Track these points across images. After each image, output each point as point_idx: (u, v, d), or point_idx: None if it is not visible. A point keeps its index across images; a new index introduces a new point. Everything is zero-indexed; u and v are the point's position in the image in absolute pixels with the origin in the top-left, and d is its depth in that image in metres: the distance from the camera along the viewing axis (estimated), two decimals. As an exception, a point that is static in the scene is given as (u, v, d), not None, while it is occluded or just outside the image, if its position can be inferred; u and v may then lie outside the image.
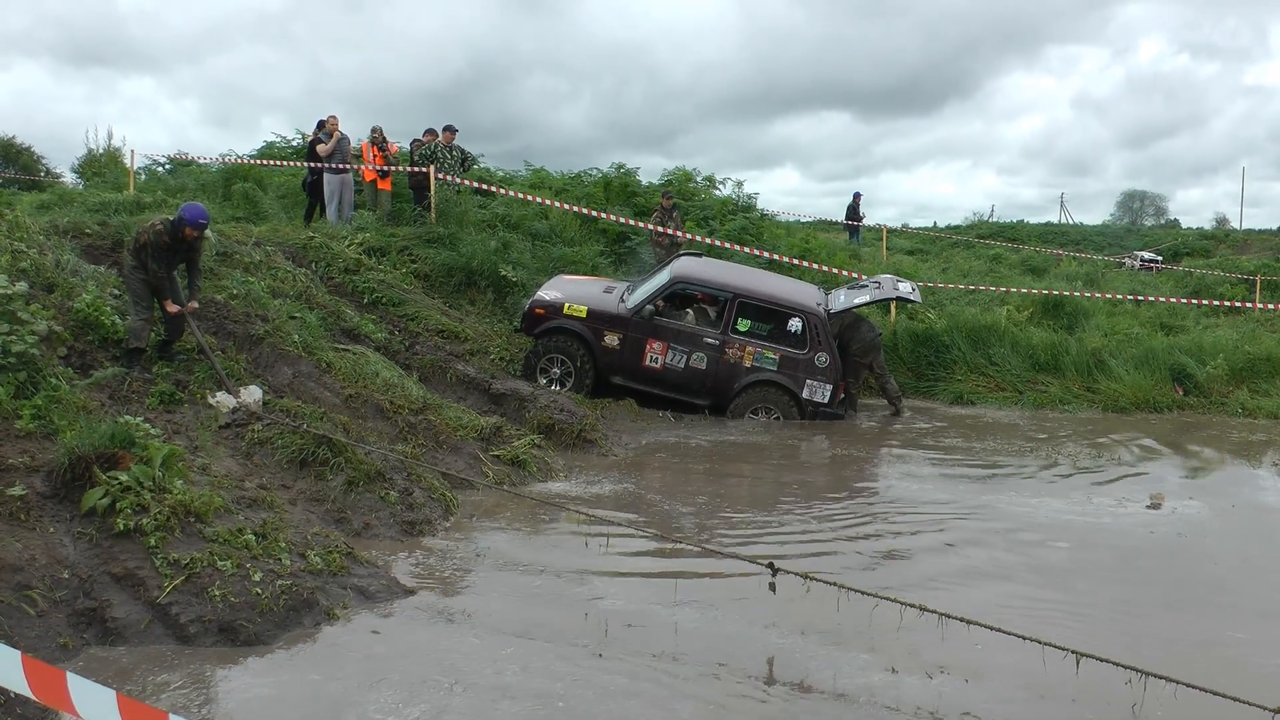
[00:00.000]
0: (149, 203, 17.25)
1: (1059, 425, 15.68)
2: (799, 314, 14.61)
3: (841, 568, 8.43)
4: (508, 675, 6.48)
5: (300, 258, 15.84)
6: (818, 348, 14.41)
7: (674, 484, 11.35)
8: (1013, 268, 29.56)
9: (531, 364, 14.64)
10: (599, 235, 20.69)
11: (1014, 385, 17.45)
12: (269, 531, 7.74)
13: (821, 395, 14.46)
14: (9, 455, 7.79)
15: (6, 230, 11.87)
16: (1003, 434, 14.84)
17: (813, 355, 14.42)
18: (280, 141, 23.20)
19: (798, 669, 6.80)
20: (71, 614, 6.64)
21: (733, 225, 21.59)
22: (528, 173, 24.92)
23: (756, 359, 14.49)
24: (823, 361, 14.42)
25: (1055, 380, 17.55)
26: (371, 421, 11.13)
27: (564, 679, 6.46)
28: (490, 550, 8.88)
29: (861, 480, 12.30)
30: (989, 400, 17.16)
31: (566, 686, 6.36)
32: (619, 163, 23.99)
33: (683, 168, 23.86)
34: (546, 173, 24.80)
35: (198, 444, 9.34)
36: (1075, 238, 50.89)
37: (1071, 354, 17.90)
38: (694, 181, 23.38)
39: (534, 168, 25.14)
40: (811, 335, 14.44)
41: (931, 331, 18.22)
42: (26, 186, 32.44)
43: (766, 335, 14.76)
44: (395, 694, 6.17)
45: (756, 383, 14.51)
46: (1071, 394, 17.20)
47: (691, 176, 23.54)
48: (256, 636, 6.74)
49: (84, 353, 10.34)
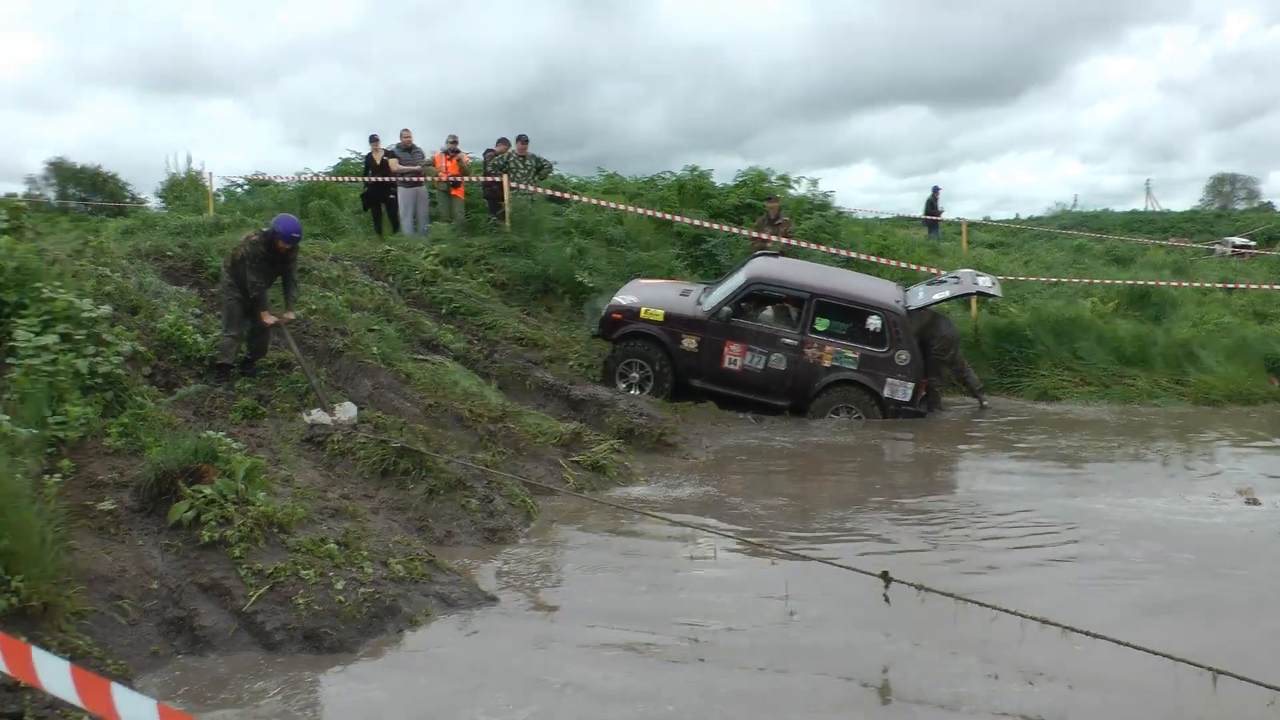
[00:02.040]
0: (228, 223, 17.54)
1: (1148, 420, 15.30)
2: (878, 312, 14.44)
3: (935, 572, 8.27)
4: (615, 679, 6.51)
5: (377, 271, 16.03)
6: (898, 345, 14.25)
7: (756, 486, 11.28)
8: (1097, 258, 28.95)
9: (610, 369, 14.66)
10: (674, 238, 20.65)
11: (1100, 380, 17.01)
12: (351, 540, 7.83)
13: (903, 394, 14.29)
14: (98, 472, 7.98)
15: (92, 256, 12.14)
16: (1090, 430, 14.53)
17: (893, 353, 14.27)
18: (354, 158, 23.45)
19: (906, 676, 6.72)
20: (161, 623, 6.79)
21: (809, 224, 21.42)
22: (601, 179, 24.91)
23: (836, 358, 14.36)
24: (903, 359, 14.26)
25: (1143, 374, 17.10)
26: (451, 430, 11.21)
27: (669, 683, 6.47)
28: (572, 555, 8.92)
29: (947, 480, 12.14)
30: (1074, 396, 16.70)
31: (673, 690, 6.37)
32: (693, 165, 23.90)
33: (757, 168, 23.67)
34: (620, 178, 24.77)
35: (280, 457, 9.49)
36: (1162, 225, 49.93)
37: (1160, 346, 17.48)
38: (768, 181, 23.20)
39: (607, 173, 25.16)
40: (891, 333, 14.28)
41: (1014, 326, 17.84)
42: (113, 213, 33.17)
43: (845, 334, 14.62)
44: (503, 696, 6.24)
45: (837, 382, 14.35)
46: (1160, 388, 16.76)
47: (766, 176, 23.35)
48: (340, 644, 6.82)
49: (168, 371, 10.56)
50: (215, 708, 6.05)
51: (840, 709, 6.32)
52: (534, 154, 20.05)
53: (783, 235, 18.67)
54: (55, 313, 9.21)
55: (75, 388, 8.65)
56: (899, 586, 6.41)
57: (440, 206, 20.48)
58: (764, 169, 23.75)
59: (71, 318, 9.25)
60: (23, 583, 5.91)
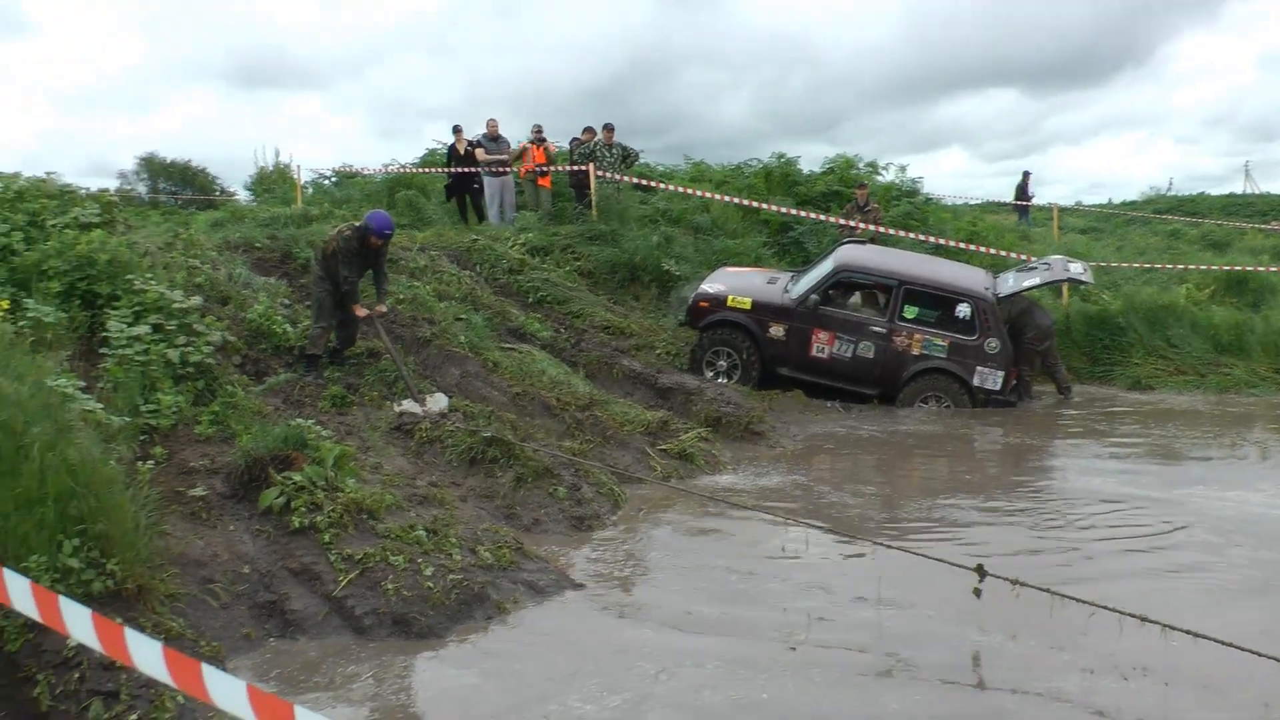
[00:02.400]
0: (316, 215, 17.68)
1: (1245, 411, 14.80)
2: (967, 299, 14.20)
3: (1027, 564, 8.10)
4: (708, 668, 6.45)
5: (464, 260, 16.08)
6: (987, 333, 14.00)
7: (844, 475, 11.14)
8: (1192, 243, 28.23)
9: (698, 357, 14.57)
10: (761, 226, 20.50)
11: (1195, 368, 16.46)
12: (440, 527, 7.83)
13: (993, 382, 14.04)
14: (190, 459, 8.07)
15: (182, 248, 12.30)
16: (1184, 421, 14.08)
17: (982, 341, 14.01)
18: (440, 148, 23.56)
19: (1000, 669, 6.60)
20: (253, 606, 6.84)
21: (897, 210, 21.18)
22: (688, 166, 24.77)
23: (925, 346, 14.14)
24: (993, 347, 14.01)
25: (1240, 362, 16.48)
26: (539, 418, 11.20)
27: (761, 672, 6.39)
28: (659, 543, 8.85)
29: (1039, 471, 11.86)
30: (1168, 385, 16.19)
31: (766, 679, 6.30)
32: (779, 152, 23.71)
33: (845, 155, 23.44)
34: (706, 165, 24.61)
35: (369, 444, 9.53)
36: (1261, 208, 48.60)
37: (1258, 333, 16.82)
38: (856, 168, 22.98)
39: (694, 161, 24.98)
40: (981, 321, 14.03)
41: (1106, 313, 17.39)
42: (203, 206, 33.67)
43: (934, 322, 14.38)
44: (595, 683, 6.21)
45: (925, 370, 14.14)
46: (1258, 376, 16.14)
47: (854, 163, 23.12)
48: (429, 629, 6.82)
49: (258, 360, 10.66)
50: (308, 691, 6.07)
51: (935, 700, 6.19)
52: (620, 142, 20.00)
53: (872, 222, 18.47)
54: (147, 304, 9.34)
55: (167, 377, 8.77)
56: (992, 580, 6.28)
57: (527, 196, 20.51)
58: (851, 155, 23.55)
59: (163, 309, 9.38)
60: (118, 566, 5.96)
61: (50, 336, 8.44)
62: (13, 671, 5.41)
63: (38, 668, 5.39)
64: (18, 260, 9.51)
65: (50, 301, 9.05)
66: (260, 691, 3.05)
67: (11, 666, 5.43)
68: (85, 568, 5.85)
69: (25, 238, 9.82)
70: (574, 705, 5.95)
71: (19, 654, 5.44)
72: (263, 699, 3.03)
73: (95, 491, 6.05)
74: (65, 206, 10.63)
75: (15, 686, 5.37)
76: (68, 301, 9.29)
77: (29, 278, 9.31)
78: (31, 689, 5.33)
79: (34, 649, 5.45)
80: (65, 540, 5.83)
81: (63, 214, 10.39)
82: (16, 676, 5.40)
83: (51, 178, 11.18)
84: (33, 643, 5.45)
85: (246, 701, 3.04)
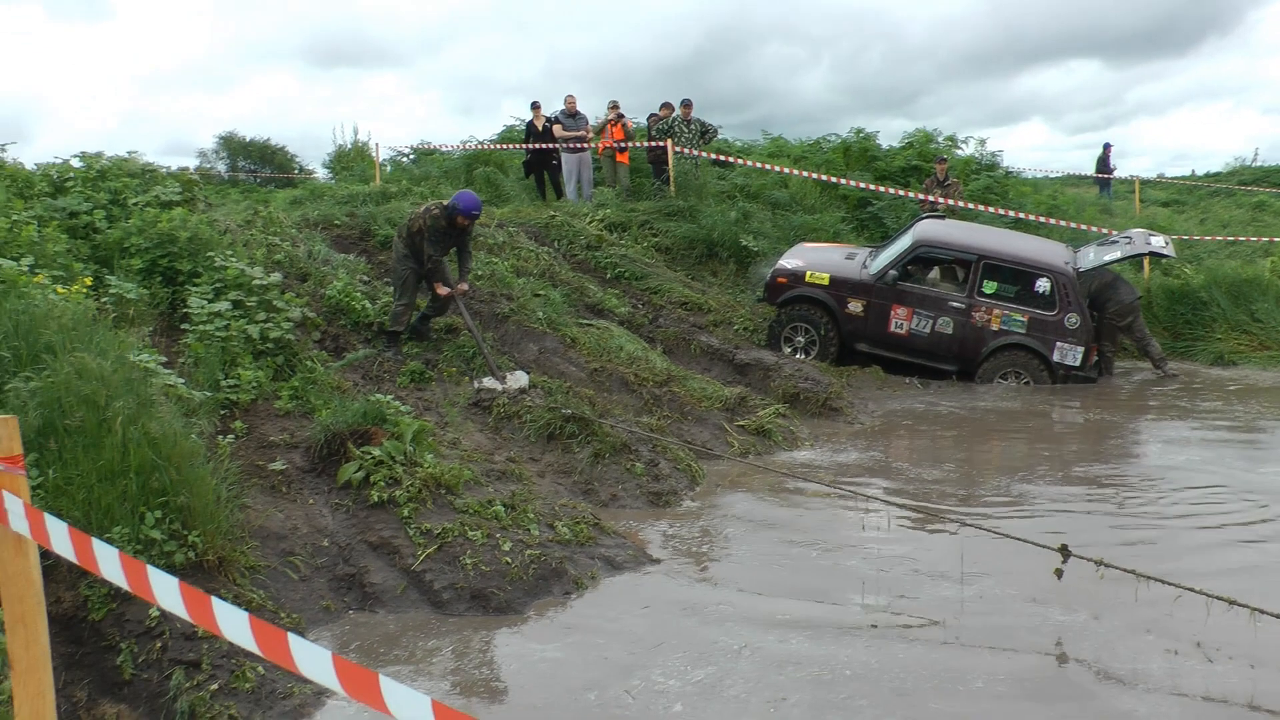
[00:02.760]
0: (394, 192, 17.72)
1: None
2: (1047, 274, 13.94)
3: (1107, 541, 7.93)
4: (791, 643, 6.37)
5: (542, 237, 16.09)
6: (1067, 308, 13.74)
7: (922, 452, 10.98)
8: (1278, 215, 27.60)
9: (775, 333, 14.47)
10: (839, 201, 20.30)
11: None
12: (518, 503, 7.82)
13: (1072, 358, 13.79)
14: (270, 433, 8.13)
15: (262, 226, 12.42)
16: (1269, 397, 13.66)
17: (1062, 316, 13.76)
18: (518, 125, 23.57)
19: (1083, 649, 6.42)
20: (332, 579, 6.87)
21: (976, 185, 20.88)
22: (765, 142, 24.63)
23: (1004, 322, 13.93)
24: (1073, 323, 13.76)
25: (1327, 338, 16.13)
26: (616, 394, 11.17)
27: (843, 649, 6.31)
28: (738, 520, 8.77)
29: (1119, 449, 11.57)
30: (1252, 360, 15.72)
31: (848, 656, 6.22)
32: (858, 127, 23.50)
33: (924, 129, 23.11)
34: (785, 141, 24.44)
35: (447, 420, 9.55)
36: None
37: (1345, 308, 16.48)
38: (935, 142, 22.67)
39: (772, 136, 24.84)
40: (1061, 296, 13.78)
41: (1188, 288, 16.93)
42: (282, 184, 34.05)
43: (1014, 297, 14.13)
44: (679, 657, 6.17)
45: (1004, 346, 13.93)
46: (1345, 353, 15.78)
47: (933, 137, 22.80)
48: (507, 604, 6.80)
49: (337, 336, 10.72)
50: (388, 663, 6.08)
51: (1018, 678, 6.06)
52: (698, 118, 19.87)
53: (951, 197, 18.21)
54: (227, 280, 9.44)
55: (247, 352, 8.86)
56: (1075, 560, 6.15)
57: (605, 172, 20.46)
58: (930, 129, 23.24)
59: (243, 285, 9.47)
60: (199, 538, 6.02)
61: (132, 313, 8.55)
62: (96, 640, 5.48)
63: (120, 637, 5.45)
64: (101, 238, 9.66)
65: (132, 278, 9.18)
66: (345, 660, 3.03)
67: (95, 635, 5.49)
68: (167, 539, 5.91)
69: (108, 216, 9.98)
70: (657, 679, 5.90)
71: (103, 623, 5.51)
72: (348, 667, 3.01)
73: (176, 465, 6.11)
74: (147, 185, 10.78)
75: (99, 655, 5.44)
76: (149, 278, 9.43)
77: (112, 255, 9.46)
78: (114, 658, 5.39)
79: (117, 618, 5.51)
80: (148, 512, 5.90)
81: (144, 192, 10.54)
82: (100, 645, 5.46)
83: (133, 157, 11.33)
84: (116, 612, 5.52)
85: (332, 669, 3.02)
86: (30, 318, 6.71)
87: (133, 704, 5.26)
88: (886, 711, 5.63)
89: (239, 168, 44.21)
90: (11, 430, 3.64)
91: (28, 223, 8.86)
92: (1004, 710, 5.72)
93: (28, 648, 3.67)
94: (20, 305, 6.84)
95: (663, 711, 5.58)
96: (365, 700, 2.95)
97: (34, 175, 10.86)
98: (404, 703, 2.87)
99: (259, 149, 45.45)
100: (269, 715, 5.33)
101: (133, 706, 5.24)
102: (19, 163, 11.72)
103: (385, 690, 2.90)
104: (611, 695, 5.74)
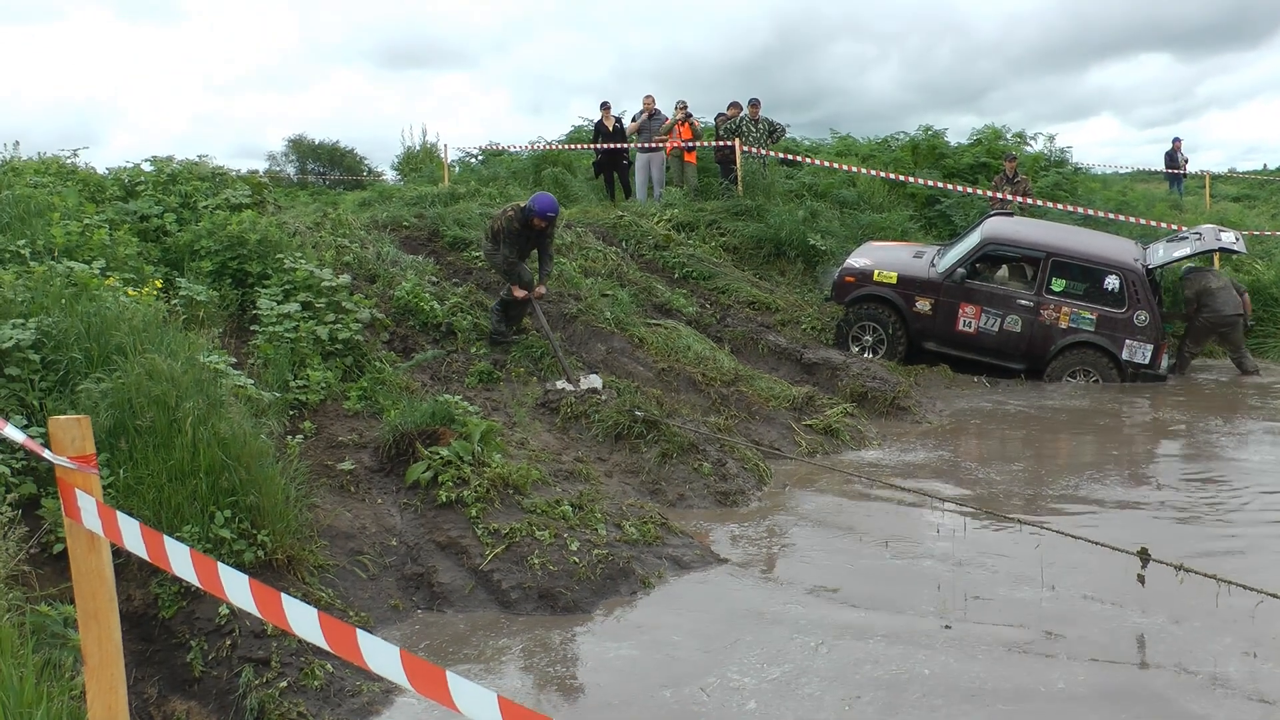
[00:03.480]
0: (463, 193, 17.80)
1: None
2: (1116, 271, 13.73)
3: (1180, 539, 7.78)
4: (869, 644, 6.31)
5: (610, 237, 16.08)
6: (1136, 305, 13.52)
7: (991, 451, 10.84)
8: (1354, 210, 26.96)
9: (843, 332, 14.38)
10: (907, 200, 20.14)
11: (1356, 342, 15.70)
12: (585, 503, 7.81)
13: (1142, 356, 13.57)
14: (339, 433, 8.17)
15: (331, 227, 12.50)
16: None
17: (1131, 314, 13.54)
18: (586, 125, 23.63)
19: (1161, 652, 6.31)
20: (400, 578, 6.88)
21: (1046, 181, 20.64)
22: (833, 140, 24.50)
23: (1073, 319, 13.73)
24: (1142, 320, 13.53)
25: (1400, 335, 15.69)
26: (684, 394, 11.13)
27: (921, 648, 6.25)
28: (805, 520, 8.69)
29: (1190, 449, 11.27)
30: None
31: (926, 655, 6.16)
32: (926, 124, 23.33)
33: (992, 125, 22.91)
34: (853, 139, 24.28)
35: (515, 420, 9.55)
36: None
37: None
38: (1004, 139, 22.44)
39: (839, 135, 24.71)
40: (1130, 293, 13.56)
41: (1259, 283, 16.65)
42: (350, 186, 34.33)
43: (1082, 294, 13.92)
44: (755, 655, 6.14)
45: (1073, 344, 13.74)
46: None
47: (1001, 134, 22.58)
48: (575, 604, 6.78)
49: (405, 337, 10.76)
50: (458, 662, 6.08)
51: (1097, 679, 5.95)
52: (766, 117, 19.80)
53: (1020, 194, 18.00)
54: (297, 282, 9.50)
55: (316, 353, 8.91)
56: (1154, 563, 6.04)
57: (672, 172, 20.44)
58: (999, 126, 23.02)
59: (312, 287, 9.53)
60: (269, 537, 6.05)
61: (202, 314, 8.63)
62: (167, 638, 5.52)
63: (190, 634, 5.49)
64: (171, 241, 9.77)
65: (202, 280, 9.27)
66: (413, 656, 3.01)
67: (166, 633, 5.54)
68: (236, 538, 5.95)
69: (178, 219, 10.09)
70: (733, 677, 5.87)
71: (173, 620, 5.55)
72: (415, 663, 3.00)
73: (246, 464, 6.15)
74: (217, 188, 10.88)
75: (169, 652, 5.48)
76: (219, 280, 9.51)
77: (182, 257, 9.56)
78: (184, 655, 5.43)
79: (187, 616, 5.55)
80: (217, 511, 5.94)
81: (214, 195, 10.63)
82: (170, 643, 5.51)
83: (204, 160, 11.44)
84: (186, 610, 5.55)
85: (400, 666, 3.01)
86: (102, 320, 6.80)
87: (202, 701, 5.29)
88: (960, 713, 5.55)
89: (308, 170, 44.67)
90: (85, 430, 3.68)
91: (99, 226, 8.97)
92: (1081, 713, 5.61)
93: (100, 644, 3.71)
94: (92, 308, 6.93)
95: (736, 709, 5.54)
96: (433, 696, 2.94)
97: (105, 179, 11.04)
98: (471, 699, 2.85)
99: (328, 151, 45.92)
100: (338, 713, 5.34)
101: (202, 703, 5.28)
102: (90, 167, 11.89)
103: (453, 686, 2.88)
104: (686, 693, 5.70)
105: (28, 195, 9.39)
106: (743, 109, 19.89)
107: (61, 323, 6.71)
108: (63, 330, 6.65)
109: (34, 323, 6.62)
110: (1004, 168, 18.94)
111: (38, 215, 8.92)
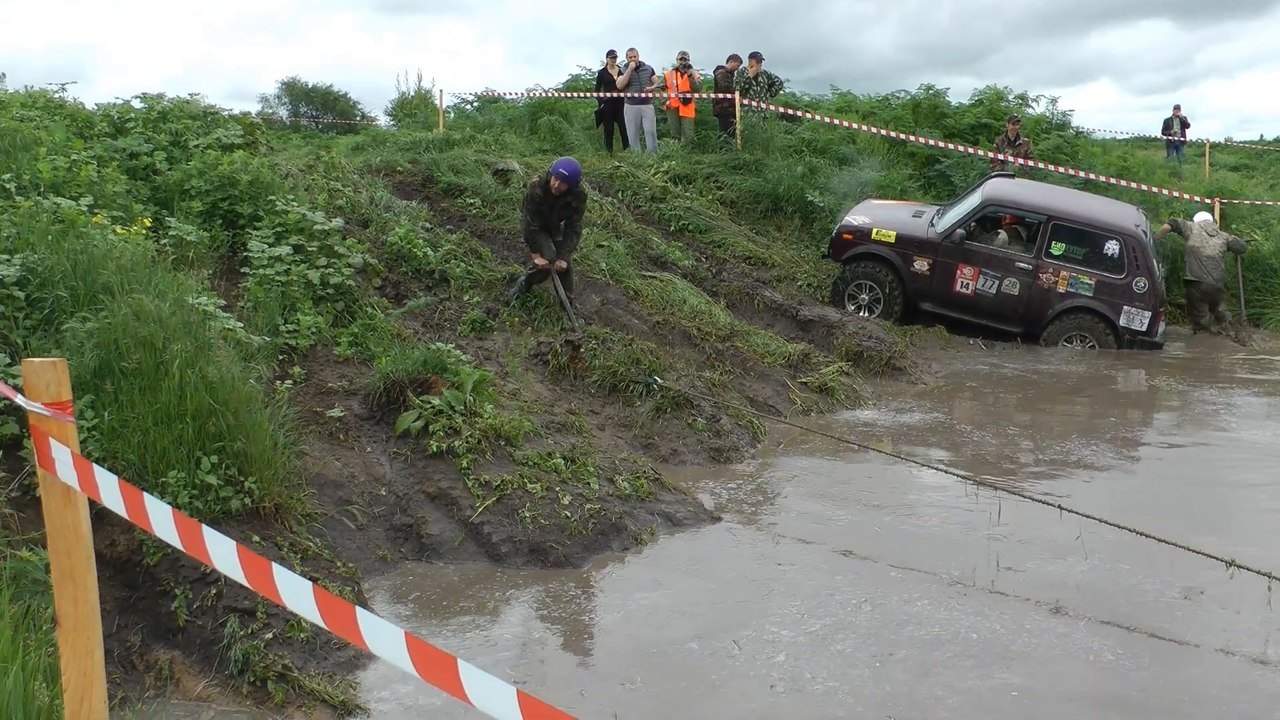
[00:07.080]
0: (457, 139, 17.59)
1: None
2: (1116, 236, 13.61)
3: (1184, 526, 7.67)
4: (916, 604, 6.26)
5: (607, 187, 15.90)
6: (1136, 272, 13.41)
7: (985, 415, 10.76)
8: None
9: (840, 290, 14.28)
10: (907, 159, 19.93)
11: (1353, 312, 15.63)
12: (578, 456, 7.70)
13: (1139, 323, 13.47)
14: (329, 380, 8.05)
15: (324, 171, 12.30)
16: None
17: (1130, 280, 13.43)
18: (585, 74, 23.33)
19: (1201, 625, 6.21)
20: (389, 529, 6.80)
21: (1047, 144, 20.43)
22: (833, 96, 24.22)
23: (1071, 284, 13.62)
24: (1141, 287, 13.42)
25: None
26: (679, 348, 11.01)
27: (967, 610, 6.19)
28: (799, 478, 8.60)
29: (1185, 418, 11.21)
30: None
31: (967, 618, 6.10)
32: (927, 84, 23.04)
33: (994, 87, 22.62)
34: (853, 96, 24.01)
35: (508, 370, 9.42)
36: None
37: None
38: (1006, 101, 22.19)
39: (840, 92, 24.42)
40: (1130, 259, 13.44)
41: (1258, 254, 16.56)
42: (343, 130, 34.03)
43: (1082, 259, 13.82)
44: (796, 605, 6.15)
45: (1071, 309, 13.66)
46: None
47: (1003, 95, 22.31)
48: (566, 559, 6.70)
49: (398, 283, 10.59)
50: (451, 615, 6.00)
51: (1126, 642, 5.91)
52: (766, 71, 19.56)
53: (1022, 156, 17.84)
54: (288, 225, 9.34)
55: (307, 298, 8.75)
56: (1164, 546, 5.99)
57: (670, 124, 20.20)
58: (1001, 88, 22.74)
59: (304, 230, 9.37)
60: (255, 484, 5.93)
61: (191, 255, 8.46)
62: (151, 585, 5.41)
63: (175, 583, 5.37)
64: (161, 179, 9.57)
65: (192, 221, 9.09)
66: (419, 641, 2.80)
67: (150, 580, 5.42)
68: (223, 485, 5.82)
69: (168, 158, 9.89)
70: (770, 628, 5.89)
71: (157, 568, 5.43)
72: (422, 649, 2.78)
73: (234, 409, 6.01)
74: (208, 127, 10.69)
75: (153, 600, 5.37)
76: (209, 221, 9.33)
77: (171, 197, 9.37)
78: (169, 604, 5.31)
79: (172, 563, 5.43)
80: (204, 457, 5.81)
81: (206, 135, 10.43)
82: (155, 590, 5.39)
83: (195, 99, 11.22)
84: (171, 557, 5.43)
85: (405, 651, 2.79)
86: (89, 258, 6.64)
87: (186, 650, 5.19)
88: (988, 672, 5.51)
89: (301, 114, 44.34)
90: (61, 374, 3.34)
91: (87, 162, 8.78)
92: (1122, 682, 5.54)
93: (76, 604, 3.42)
94: (79, 245, 6.77)
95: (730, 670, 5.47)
96: (442, 686, 2.70)
97: (94, 115, 10.78)
98: (486, 692, 2.61)
99: (321, 95, 45.60)
100: (323, 665, 5.24)
101: (186, 653, 5.18)
102: (79, 103, 11.62)
103: (464, 677, 2.65)
104: (675, 653, 5.65)
105: (14, 128, 9.17)
106: (742, 62, 19.63)
107: (47, 259, 6.54)
108: (49, 267, 6.49)
109: (19, 259, 6.47)
110: (1006, 129, 18.74)
111: (24, 149, 8.69)
